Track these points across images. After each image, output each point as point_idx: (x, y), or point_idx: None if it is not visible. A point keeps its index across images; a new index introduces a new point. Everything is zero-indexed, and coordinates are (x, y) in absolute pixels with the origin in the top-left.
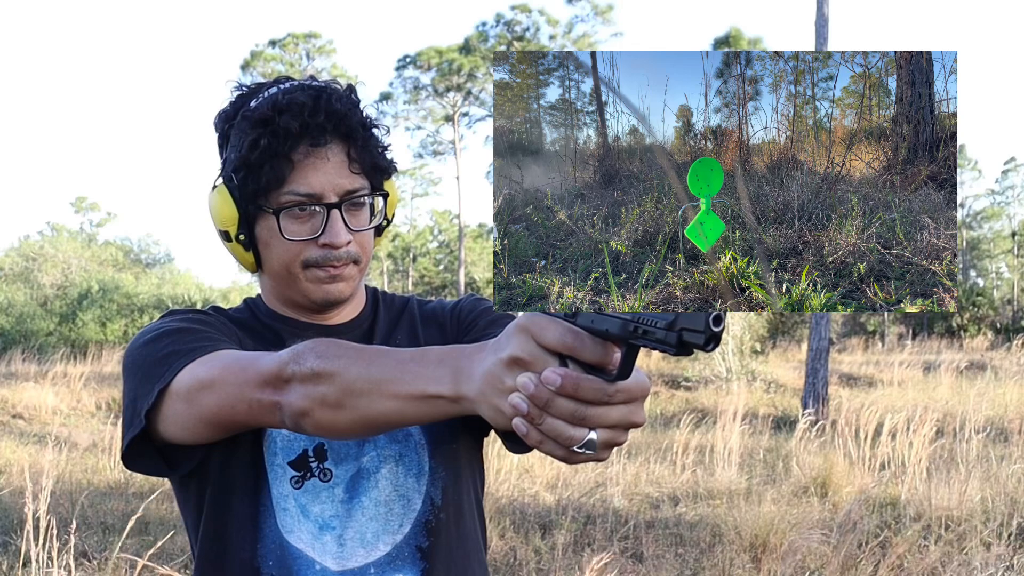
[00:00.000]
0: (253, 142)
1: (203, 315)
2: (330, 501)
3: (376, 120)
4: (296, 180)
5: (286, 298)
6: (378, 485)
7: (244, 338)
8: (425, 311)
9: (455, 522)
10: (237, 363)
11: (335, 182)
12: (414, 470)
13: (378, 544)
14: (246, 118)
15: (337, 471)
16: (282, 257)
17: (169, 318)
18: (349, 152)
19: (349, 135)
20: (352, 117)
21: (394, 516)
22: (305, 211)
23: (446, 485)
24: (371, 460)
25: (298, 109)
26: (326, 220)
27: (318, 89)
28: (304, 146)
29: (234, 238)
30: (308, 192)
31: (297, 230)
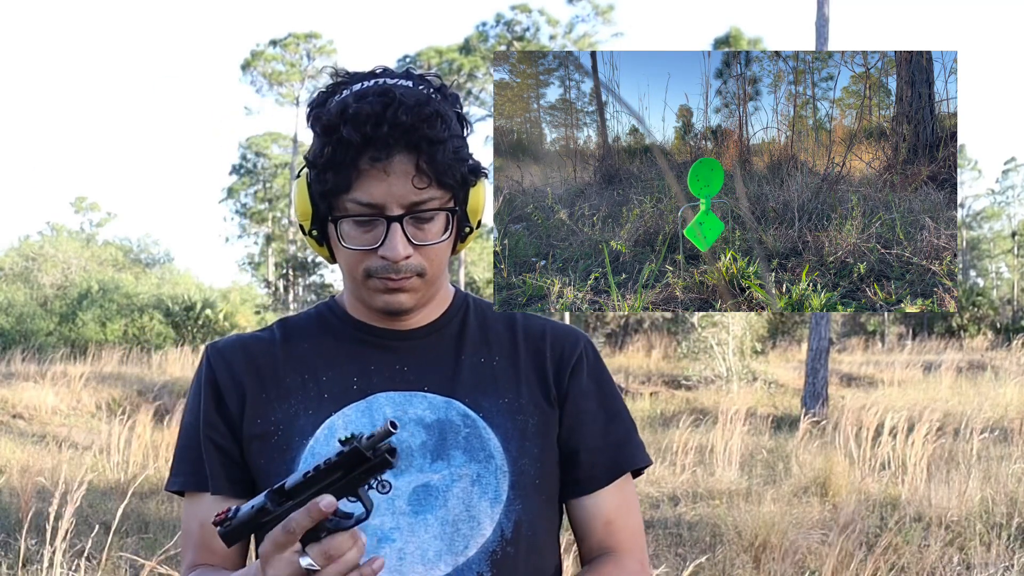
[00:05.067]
0: (320, 148)
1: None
2: (390, 513)
3: (453, 126)
4: (359, 189)
5: (360, 297)
6: (447, 504)
7: (323, 340)
8: (532, 330)
9: (524, 559)
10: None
11: (399, 194)
12: (489, 494)
13: (439, 564)
14: (318, 120)
15: (397, 483)
16: (348, 262)
17: (192, 388)
18: (417, 163)
19: (417, 147)
20: (419, 129)
21: (460, 537)
22: (368, 221)
23: (520, 519)
24: (442, 478)
25: (363, 120)
26: (386, 232)
27: (389, 97)
28: (369, 155)
29: (308, 232)
30: (369, 202)
31: (358, 238)
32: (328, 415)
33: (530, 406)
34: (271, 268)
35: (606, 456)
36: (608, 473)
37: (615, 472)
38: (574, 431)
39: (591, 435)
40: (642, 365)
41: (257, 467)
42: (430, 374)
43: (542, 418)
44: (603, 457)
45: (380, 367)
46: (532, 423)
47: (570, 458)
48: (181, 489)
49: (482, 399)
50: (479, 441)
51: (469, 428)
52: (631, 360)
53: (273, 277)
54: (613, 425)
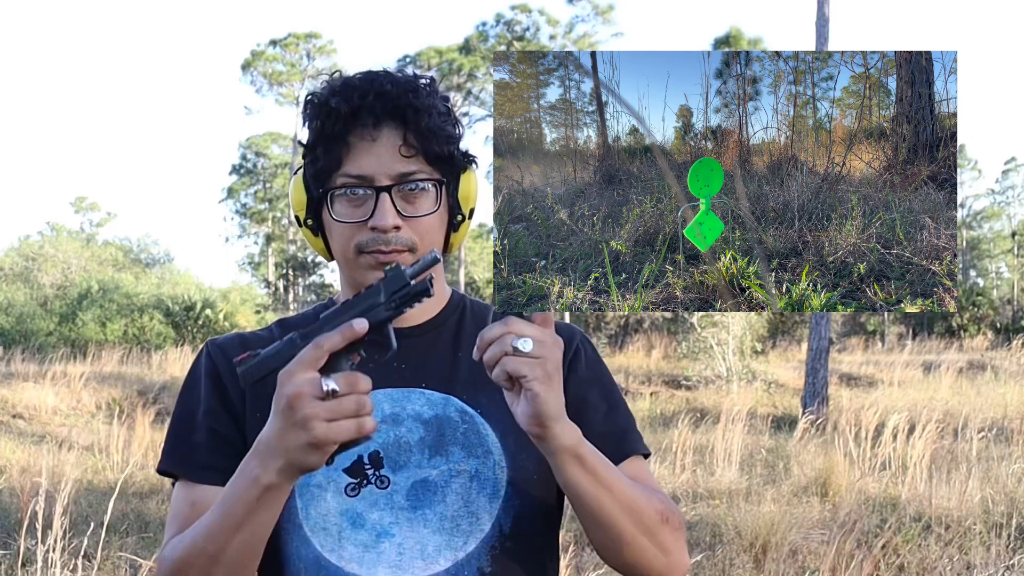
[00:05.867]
0: (311, 125)
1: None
2: (389, 508)
3: (439, 106)
4: (349, 162)
5: (353, 281)
6: (446, 499)
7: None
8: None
9: (523, 555)
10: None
11: (387, 165)
12: (488, 490)
13: (439, 559)
14: (310, 103)
15: (395, 478)
16: (339, 241)
17: (189, 379)
18: (405, 136)
19: (404, 118)
20: (404, 97)
21: (460, 533)
22: (358, 195)
23: (519, 514)
24: (441, 474)
25: (351, 91)
26: (375, 203)
27: (377, 73)
28: (358, 129)
29: (303, 222)
30: (359, 174)
31: (348, 213)
32: None
33: None
34: (271, 268)
35: (611, 442)
36: (614, 458)
37: (620, 456)
38: (576, 421)
39: (595, 422)
40: (642, 365)
41: None
42: (428, 371)
43: None
44: (608, 443)
45: (378, 364)
46: None
47: None
48: (174, 472)
49: (480, 395)
50: (477, 437)
51: (467, 424)
52: (631, 360)
53: (273, 277)
54: (615, 414)
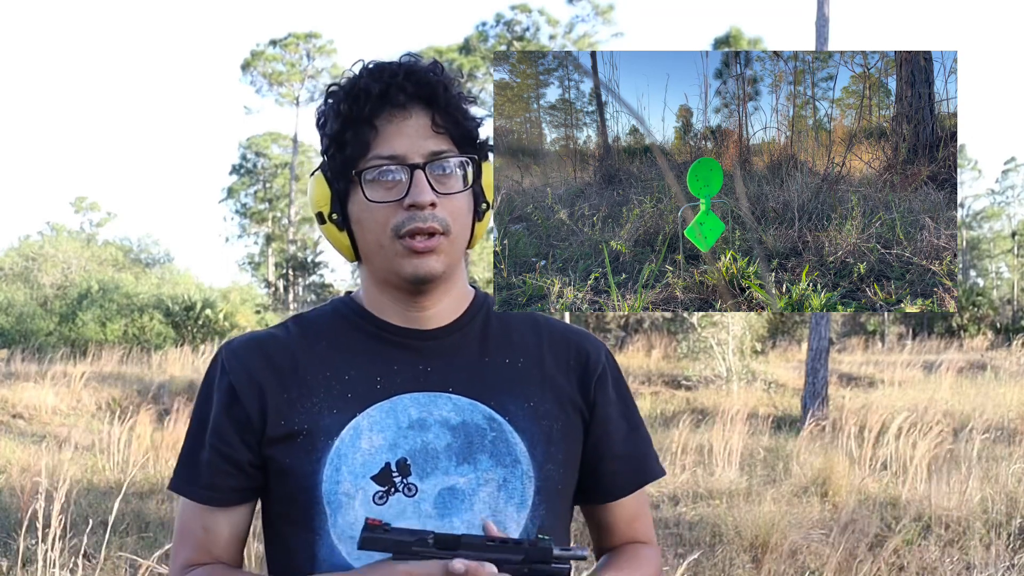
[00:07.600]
0: (337, 111)
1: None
2: (416, 516)
3: (468, 97)
4: (380, 144)
5: (385, 283)
6: (473, 508)
7: (343, 337)
8: (555, 333)
9: None
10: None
11: (419, 144)
12: (516, 499)
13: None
14: (333, 94)
15: (423, 486)
16: (373, 229)
17: (204, 386)
18: (434, 117)
19: (432, 99)
20: (436, 81)
21: None
22: (390, 178)
23: (544, 524)
24: (468, 482)
25: (379, 72)
26: (410, 181)
27: (401, 59)
28: (387, 111)
29: (327, 218)
30: (391, 154)
31: (383, 195)
32: (353, 415)
33: (555, 410)
34: (271, 268)
35: (630, 466)
36: (632, 482)
37: (639, 482)
38: (601, 440)
39: (616, 444)
40: (642, 365)
41: (282, 467)
42: (455, 375)
43: (566, 422)
44: (628, 466)
45: (403, 367)
46: (556, 427)
47: (595, 466)
48: (181, 493)
49: (508, 402)
50: (505, 445)
51: (495, 432)
52: (631, 360)
53: (273, 277)
54: (635, 435)
